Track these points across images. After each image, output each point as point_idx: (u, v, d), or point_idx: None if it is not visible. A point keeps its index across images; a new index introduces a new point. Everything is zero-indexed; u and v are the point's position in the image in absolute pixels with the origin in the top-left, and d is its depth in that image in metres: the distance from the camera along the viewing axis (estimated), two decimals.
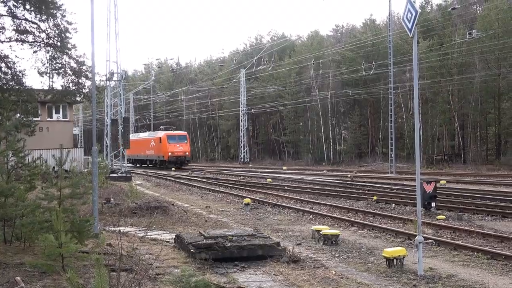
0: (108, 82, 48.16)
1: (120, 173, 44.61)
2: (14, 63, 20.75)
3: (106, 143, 49.83)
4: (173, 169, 65.31)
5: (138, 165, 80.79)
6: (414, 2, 11.70)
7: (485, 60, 64.71)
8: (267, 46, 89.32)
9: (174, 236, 15.48)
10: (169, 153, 67.59)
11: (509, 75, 62.84)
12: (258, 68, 76.38)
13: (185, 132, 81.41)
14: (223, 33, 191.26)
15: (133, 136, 77.87)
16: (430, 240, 15.24)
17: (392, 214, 21.43)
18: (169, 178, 48.67)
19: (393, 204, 24.86)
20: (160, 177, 51.21)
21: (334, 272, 12.06)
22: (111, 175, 41.18)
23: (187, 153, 70.01)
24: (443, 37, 69.79)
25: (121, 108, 51.99)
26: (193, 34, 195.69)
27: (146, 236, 15.90)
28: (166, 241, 15.61)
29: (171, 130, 77.65)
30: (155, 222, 19.43)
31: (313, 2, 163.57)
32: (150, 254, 13.04)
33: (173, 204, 25.50)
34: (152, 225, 18.47)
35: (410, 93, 65.11)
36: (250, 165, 76.46)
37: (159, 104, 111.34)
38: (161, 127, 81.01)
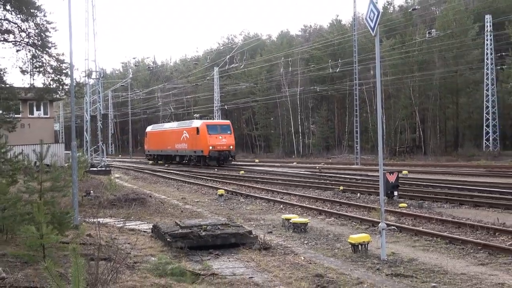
0: (87, 79, 47.68)
1: (100, 167, 44.25)
2: None
3: (86, 138, 49.44)
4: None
5: (160, 161, 64.17)
6: (377, 2, 11.77)
7: (444, 58, 65.59)
8: (239, 45, 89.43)
9: (151, 226, 15.41)
10: (210, 147, 50.04)
11: (466, 72, 63.78)
12: (231, 66, 76.04)
13: (228, 121, 61.83)
14: (197, 33, 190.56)
15: (154, 128, 68.99)
16: (392, 227, 15.38)
17: (357, 203, 21.59)
18: (146, 171, 48.43)
19: (358, 194, 25.07)
20: (138, 170, 50.86)
21: (303, 258, 12.12)
22: (91, 169, 40.91)
23: (231, 147, 52.30)
24: (404, 36, 70.51)
25: (99, 105, 51.50)
26: (169, 34, 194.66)
27: (125, 227, 15.79)
28: (143, 231, 15.54)
29: (208, 118, 61.25)
30: (133, 213, 19.35)
31: (283, 3, 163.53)
32: (128, 243, 12.96)
33: (150, 196, 25.38)
34: (130, 216, 18.37)
35: (374, 89, 65.42)
36: None
37: (137, 100, 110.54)
38: (196, 115, 63.80)
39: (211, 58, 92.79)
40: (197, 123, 54.63)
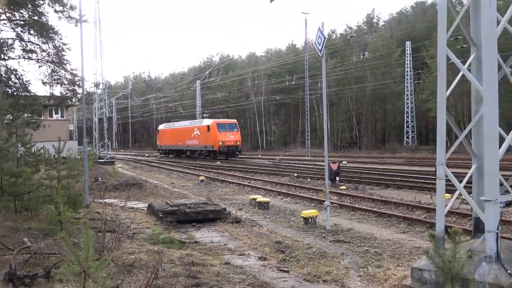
0: (95, 89, 47.40)
1: (106, 159, 43.65)
2: (21, 75, 20.28)
3: (95, 136, 49.00)
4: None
5: (171, 155, 58.87)
6: (323, 30, 11.83)
7: (374, 74, 66.56)
8: (216, 63, 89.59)
9: (147, 205, 15.38)
10: (220, 143, 46.35)
11: (391, 85, 64.78)
12: (210, 80, 76.03)
13: (235, 120, 56.83)
14: (183, 52, 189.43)
15: (165, 126, 63.42)
16: (335, 204, 15.57)
17: (308, 186, 21.73)
18: (143, 162, 48.08)
19: (308, 179, 25.23)
20: (136, 161, 50.45)
21: (266, 229, 12.20)
22: (98, 160, 40.32)
23: (238, 143, 48.53)
24: (344, 57, 71.41)
25: (105, 110, 51.22)
26: (161, 53, 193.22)
27: (126, 206, 15.68)
28: (141, 209, 15.48)
29: (216, 118, 58.32)
30: (133, 195, 19.17)
31: (251, 30, 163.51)
32: (129, 219, 12.90)
33: (146, 181, 25.17)
34: (130, 197, 18.20)
35: (321, 98, 66.04)
36: None
37: (135, 107, 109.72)
38: (205, 114, 61.21)
39: (194, 73, 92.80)
40: (207, 121, 50.46)
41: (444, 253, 3.10)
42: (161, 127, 64.28)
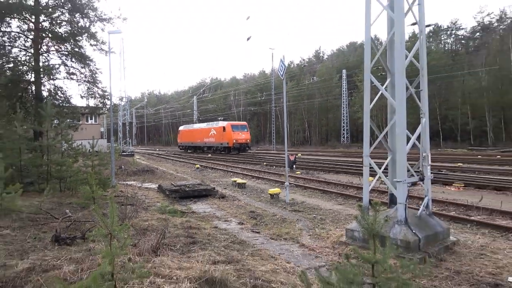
0: (120, 102, 46.74)
1: (128, 152, 42.94)
2: (65, 91, 19.84)
3: (119, 136, 48.21)
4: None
5: (190, 151, 52.59)
6: (284, 61, 11.84)
7: (320, 92, 66.88)
8: (208, 83, 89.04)
9: (157, 186, 15.13)
10: (234, 140, 42.59)
11: (332, 100, 65.28)
12: (203, 95, 75.38)
13: (245, 122, 51.05)
14: (184, 75, 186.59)
15: (185, 127, 57.01)
16: (292, 184, 15.61)
17: (274, 172, 21.72)
18: (155, 155, 47.33)
19: (274, 166, 25.27)
20: (150, 154, 49.62)
21: (243, 202, 12.16)
22: (122, 153, 39.65)
23: (248, 140, 44.13)
24: (299, 80, 71.55)
25: (127, 117, 50.51)
26: (168, 75, 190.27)
27: (142, 186, 15.43)
28: (153, 188, 15.22)
29: (228, 121, 51.17)
30: (147, 178, 18.89)
31: (234, 59, 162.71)
32: (144, 195, 12.69)
33: (157, 169, 24.79)
34: (145, 180, 17.94)
35: (282, 109, 66.34)
36: None
37: (149, 114, 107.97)
38: (220, 118, 54.54)
39: (192, 91, 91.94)
40: (223, 123, 45.57)
41: (368, 218, 3.13)
42: (181, 128, 58.77)
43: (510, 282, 5.22)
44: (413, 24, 8.07)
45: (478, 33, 63.43)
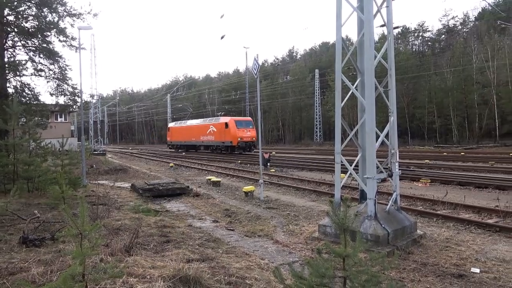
0: (91, 99, 45.49)
1: (99, 151, 41.82)
2: (33, 88, 19.07)
3: (90, 134, 46.90)
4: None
5: (180, 150, 46.86)
6: (258, 59, 11.86)
7: (294, 91, 67.45)
8: (181, 81, 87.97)
9: (130, 185, 14.80)
10: (239, 138, 36.45)
11: (305, 99, 66.03)
12: (177, 93, 74.47)
13: (250, 117, 43.48)
14: (157, 73, 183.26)
15: (176, 124, 50.62)
16: (266, 182, 15.66)
17: (248, 170, 21.78)
18: (127, 153, 46.33)
19: (248, 164, 25.29)
20: (122, 153, 48.53)
21: (218, 200, 12.12)
22: (93, 152, 38.57)
23: (254, 138, 37.69)
24: (273, 79, 71.90)
25: (99, 115, 49.17)
26: (141, 73, 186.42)
27: (114, 185, 15.02)
28: (126, 187, 14.88)
29: (231, 116, 44.21)
30: (119, 177, 18.46)
31: (208, 57, 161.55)
32: (116, 195, 12.38)
33: (130, 167, 24.31)
34: (117, 179, 17.50)
35: (257, 107, 66.63)
36: None
37: (122, 113, 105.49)
38: (220, 113, 48.25)
39: (165, 89, 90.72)
40: (225, 119, 38.92)
41: (339, 214, 3.20)
42: (171, 125, 52.64)
43: (473, 272, 5.46)
44: (382, 25, 8.29)
45: (443, 35, 65.86)
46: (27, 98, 18.61)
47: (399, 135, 7.68)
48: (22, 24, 17.58)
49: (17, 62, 17.80)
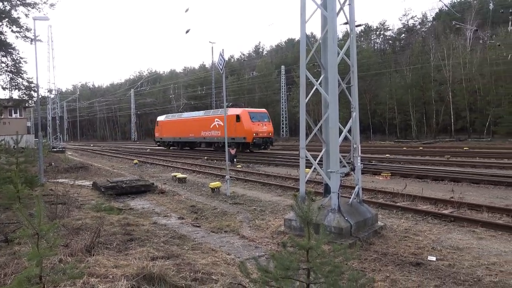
0: (49, 94, 43.46)
1: (58, 148, 40.06)
2: None
3: (49, 131, 44.82)
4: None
5: (174, 147, 41.12)
6: (223, 55, 11.78)
7: (260, 87, 67.66)
8: (145, 76, 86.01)
9: (92, 183, 14.33)
10: (254, 134, 30.06)
11: (271, 95, 66.43)
12: (141, 88, 72.62)
13: (264, 109, 37.69)
14: (120, 67, 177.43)
15: (167, 117, 43.76)
16: (233, 178, 15.64)
17: (215, 166, 21.64)
18: (89, 150, 44.70)
19: (215, 161, 25.15)
20: (83, 150, 46.76)
21: (183, 197, 11.98)
22: (52, 149, 36.88)
23: (270, 134, 31.77)
24: (239, 75, 71.77)
25: (57, 110, 47.09)
26: (102, 67, 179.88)
27: (74, 184, 14.50)
28: (87, 186, 14.39)
29: (240, 106, 35.39)
30: (80, 175, 17.79)
31: (173, 51, 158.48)
32: (77, 193, 11.93)
33: (91, 165, 23.50)
34: (78, 177, 16.87)
35: (222, 103, 66.23)
36: (138, 142, 72.78)
37: (83, 108, 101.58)
38: (229, 104, 36.81)
39: (128, 83, 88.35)
40: (235, 110, 31.93)
41: (303, 207, 3.25)
42: (160, 118, 45.27)
43: (430, 260, 5.74)
44: (345, 23, 8.47)
45: (403, 34, 68.34)
46: None
47: (361, 130, 7.91)
48: None
49: None
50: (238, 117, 31.12)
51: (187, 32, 24.22)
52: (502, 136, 41.71)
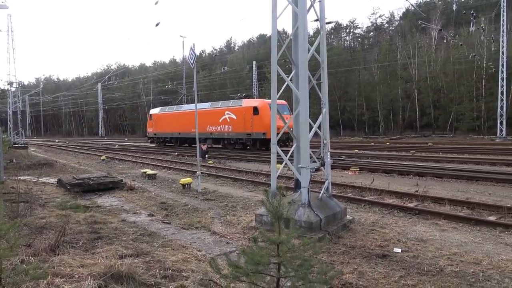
0: (9, 87, 41.47)
1: (20, 144, 38.31)
2: None
3: (9, 126, 42.76)
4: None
5: (170, 144, 36.10)
6: (194, 49, 11.63)
7: (232, 83, 67.43)
8: (114, 70, 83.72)
9: (57, 180, 13.80)
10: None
11: (243, 91, 66.16)
12: (109, 82, 70.48)
13: (284, 101, 25.52)
14: (87, 60, 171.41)
15: (162, 110, 38.23)
16: (204, 174, 15.51)
17: (186, 162, 21.44)
18: (54, 146, 43.01)
19: (186, 156, 24.87)
20: (48, 146, 44.92)
21: (153, 194, 11.77)
22: (14, 145, 35.21)
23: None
24: (211, 70, 71.18)
25: (19, 104, 44.91)
26: (68, 60, 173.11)
27: (38, 181, 13.91)
28: (51, 183, 13.84)
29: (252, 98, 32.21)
30: (44, 172, 17.08)
31: (142, 44, 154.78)
32: (41, 191, 11.45)
33: (56, 161, 22.62)
34: (42, 174, 16.20)
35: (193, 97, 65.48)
36: (105, 138, 70.84)
37: (47, 102, 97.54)
38: (241, 94, 37.98)
39: (95, 77, 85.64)
40: (251, 102, 27.77)
41: (273, 202, 3.28)
42: (154, 111, 39.70)
43: (395, 252, 5.94)
44: (316, 20, 8.56)
45: (372, 33, 69.96)
46: None
47: (331, 126, 8.05)
48: None
49: None
50: (256, 110, 26.67)
51: (157, 25, 23.74)
52: (463, 132, 43.74)
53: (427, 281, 4.80)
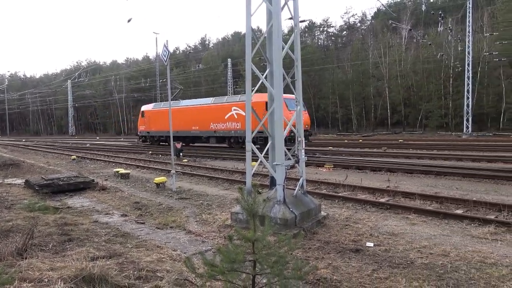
0: None
1: None
2: None
3: None
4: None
5: (165, 144, 32.68)
6: (168, 46, 11.46)
7: (206, 80, 66.94)
8: (84, 66, 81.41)
9: (24, 181, 13.27)
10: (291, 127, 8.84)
11: (218, 89, 65.93)
12: (79, 80, 68.50)
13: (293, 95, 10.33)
14: (55, 56, 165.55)
15: (155, 107, 35.15)
16: (179, 172, 15.33)
17: (160, 161, 21.09)
18: (21, 146, 41.33)
19: (160, 155, 24.50)
20: (14, 145, 43.11)
21: (127, 193, 11.52)
22: None
23: (308, 126, 24.97)
24: (185, 67, 70.41)
25: None
26: (35, 56, 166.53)
27: (4, 182, 13.36)
28: (18, 184, 13.29)
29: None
30: (10, 173, 16.41)
31: (114, 41, 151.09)
32: (6, 193, 11.01)
33: (23, 162, 21.72)
34: (8, 175, 15.57)
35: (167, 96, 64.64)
36: (76, 137, 68.75)
37: (12, 100, 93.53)
38: (253, 89, 19.14)
39: (65, 74, 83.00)
40: (261, 96, 21.63)
41: (249, 200, 3.28)
42: (146, 107, 36.89)
43: (368, 246, 6.08)
44: (290, 18, 8.61)
45: (345, 32, 71.11)
46: None
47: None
48: None
49: None
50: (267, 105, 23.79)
51: (129, 21, 23.28)
52: (432, 129, 45.27)
53: (399, 274, 4.94)
